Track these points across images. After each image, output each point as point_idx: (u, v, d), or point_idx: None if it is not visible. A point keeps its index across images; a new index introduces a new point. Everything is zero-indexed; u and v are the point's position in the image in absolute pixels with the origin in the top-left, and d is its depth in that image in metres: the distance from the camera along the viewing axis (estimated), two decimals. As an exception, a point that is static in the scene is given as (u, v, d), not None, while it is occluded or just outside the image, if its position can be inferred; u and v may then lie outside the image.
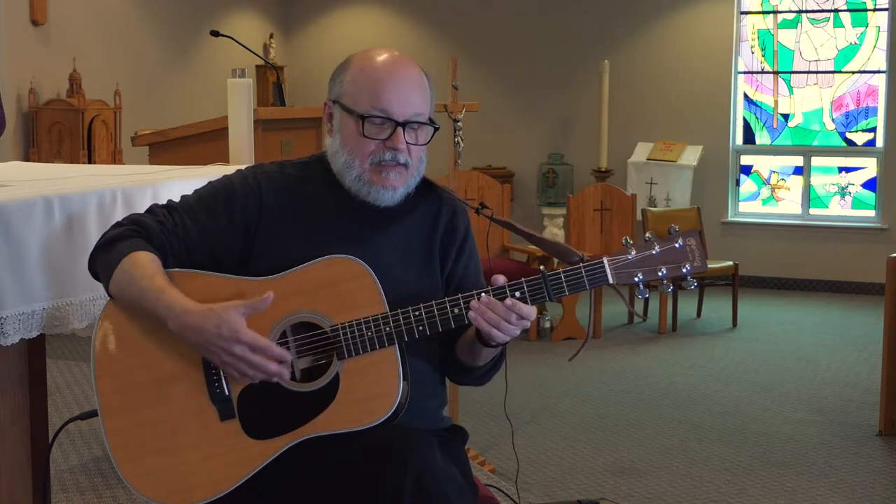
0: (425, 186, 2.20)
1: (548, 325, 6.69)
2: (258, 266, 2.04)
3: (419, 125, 2.08)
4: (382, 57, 2.09)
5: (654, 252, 2.03)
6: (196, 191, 2.14)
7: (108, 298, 2.04)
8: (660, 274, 2.03)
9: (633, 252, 2.02)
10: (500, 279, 2.00)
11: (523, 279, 2.01)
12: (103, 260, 2.02)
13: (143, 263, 1.97)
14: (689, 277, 2.06)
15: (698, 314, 7.25)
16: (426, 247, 2.17)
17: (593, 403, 5.16)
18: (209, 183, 2.14)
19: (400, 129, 2.05)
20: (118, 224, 2.07)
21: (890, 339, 4.57)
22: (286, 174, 2.14)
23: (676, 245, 2.03)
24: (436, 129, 2.13)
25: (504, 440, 4.45)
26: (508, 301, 1.96)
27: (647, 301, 7.11)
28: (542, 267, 2.05)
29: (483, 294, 1.99)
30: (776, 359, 6.10)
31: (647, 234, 2.05)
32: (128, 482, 1.97)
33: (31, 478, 2.27)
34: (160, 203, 2.12)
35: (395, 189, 2.08)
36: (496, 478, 3.97)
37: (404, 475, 1.88)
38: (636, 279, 2.03)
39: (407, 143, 2.06)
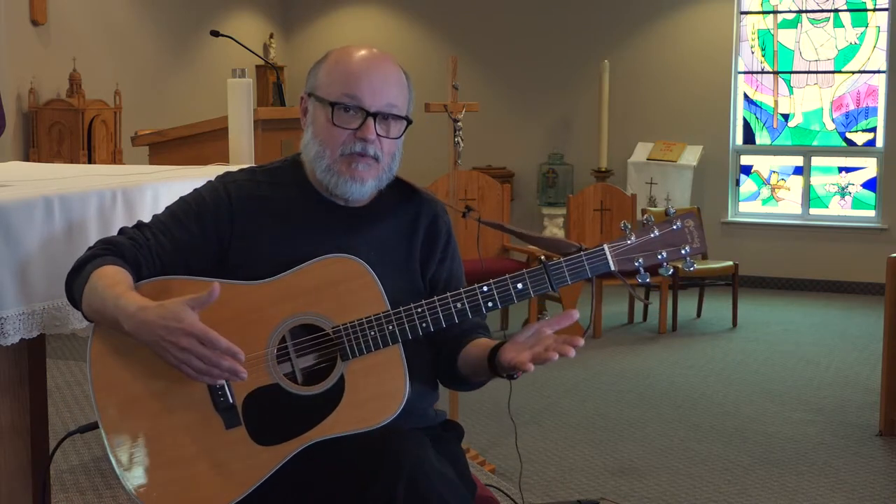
0: (405, 189, 2.18)
1: (548, 325, 6.68)
2: (235, 275, 2.01)
3: (392, 118, 2.07)
4: (360, 51, 2.09)
5: (653, 235, 2.02)
6: (167, 207, 2.12)
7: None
8: (660, 257, 2.02)
9: (633, 237, 2.01)
10: (574, 314, 1.96)
11: (524, 270, 2.00)
12: (76, 283, 1.98)
13: (108, 274, 1.93)
14: (688, 259, 2.05)
15: (698, 314, 7.25)
16: (405, 249, 2.15)
17: (593, 403, 5.16)
18: (180, 198, 2.12)
19: (370, 119, 2.03)
20: (89, 248, 2.03)
21: (890, 339, 4.57)
22: (257, 181, 2.12)
23: (675, 227, 2.02)
24: (409, 123, 2.11)
25: (504, 440, 4.45)
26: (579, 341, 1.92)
27: (647, 288, 7.10)
28: (542, 257, 2.04)
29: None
30: (776, 359, 6.10)
31: (645, 217, 2.03)
32: (137, 498, 1.93)
33: (31, 478, 2.27)
34: (130, 225, 2.10)
35: (363, 181, 2.05)
36: (496, 478, 3.96)
37: (398, 477, 1.86)
38: (637, 264, 2.02)
39: (378, 134, 2.04)
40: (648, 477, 4.12)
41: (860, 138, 8.50)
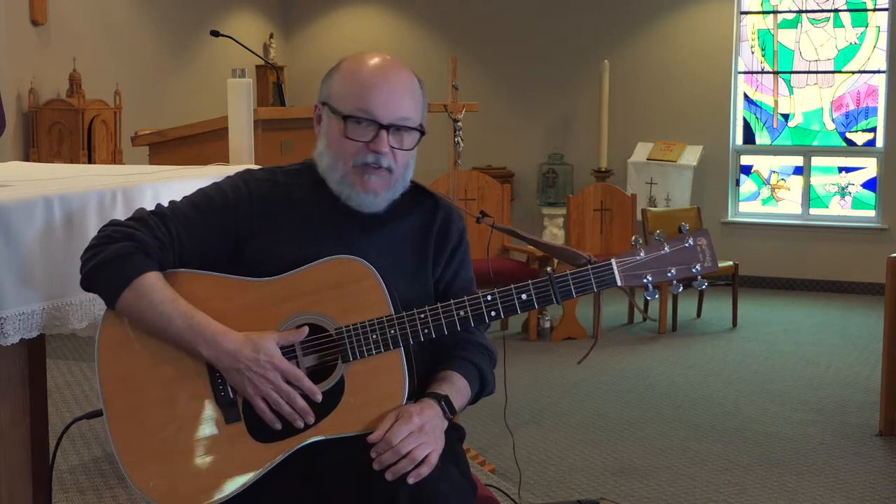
0: (422, 194, 2.17)
1: (548, 325, 6.69)
2: (247, 272, 2.02)
3: (406, 129, 2.06)
4: (374, 60, 2.07)
5: (664, 252, 1.99)
6: (187, 198, 2.11)
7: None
8: (669, 275, 1.99)
9: (643, 252, 1.99)
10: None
11: (530, 281, 1.99)
12: (105, 278, 1.97)
13: (158, 286, 1.95)
14: (699, 277, 2.01)
15: (698, 314, 7.25)
16: (418, 254, 2.14)
17: (593, 403, 5.16)
18: (200, 190, 2.12)
19: (384, 132, 2.03)
20: (110, 237, 2.00)
21: (890, 339, 4.57)
22: (276, 181, 2.12)
23: (687, 244, 2.00)
24: (422, 135, 2.10)
25: (504, 440, 4.44)
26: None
27: (646, 300, 7.10)
28: (549, 269, 2.03)
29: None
30: (776, 359, 6.10)
31: (658, 233, 2.00)
32: (135, 486, 1.97)
33: (32, 478, 2.27)
34: (151, 210, 2.07)
35: (376, 193, 2.06)
36: (496, 478, 3.96)
37: (401, 479, 1.88)
38: (645, 280, 1.99)
39: (391, 147, 2.04)
40: (648, 477, 4.13)
41: (860, 138, 8.50)
